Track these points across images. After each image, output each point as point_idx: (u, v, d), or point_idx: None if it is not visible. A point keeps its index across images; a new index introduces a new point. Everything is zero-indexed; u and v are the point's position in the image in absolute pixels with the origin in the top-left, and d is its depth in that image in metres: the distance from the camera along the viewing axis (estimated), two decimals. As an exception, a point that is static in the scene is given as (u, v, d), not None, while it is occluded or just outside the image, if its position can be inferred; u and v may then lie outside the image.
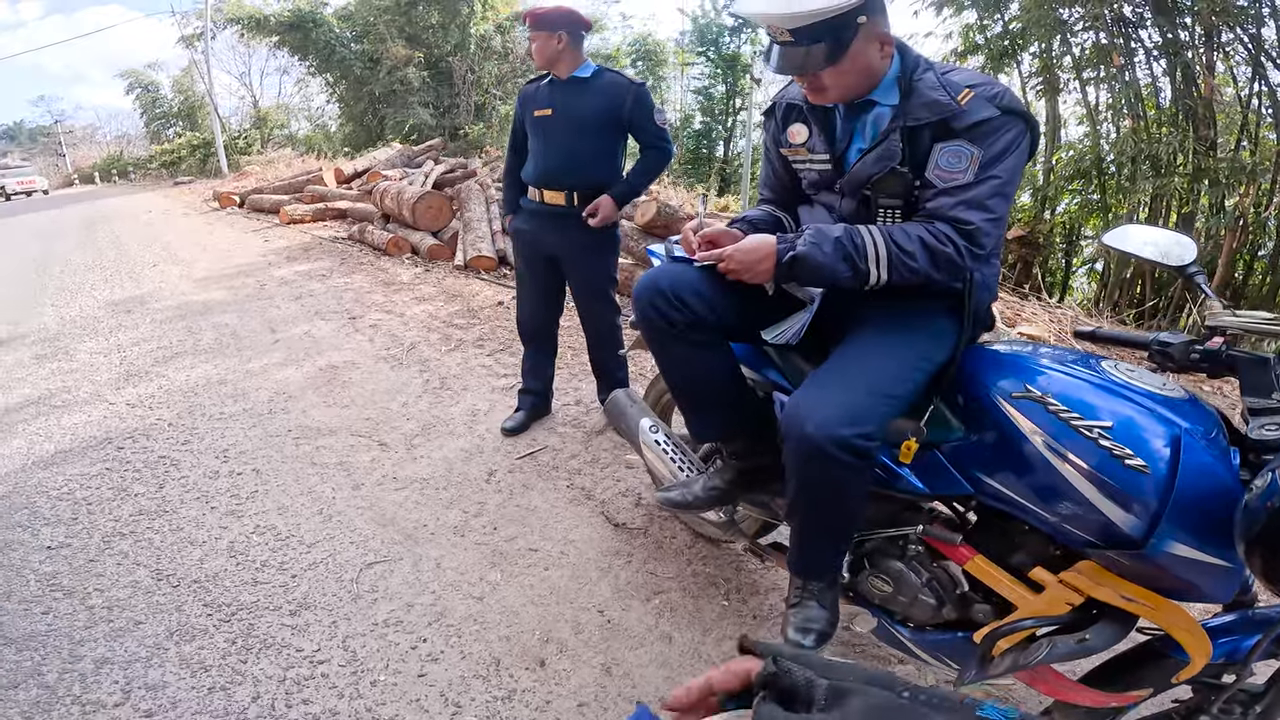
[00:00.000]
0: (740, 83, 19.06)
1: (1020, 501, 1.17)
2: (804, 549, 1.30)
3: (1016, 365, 1.21)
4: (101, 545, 2.19)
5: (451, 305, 4.78)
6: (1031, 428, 1.12)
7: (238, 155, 18.64)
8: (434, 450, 2.74)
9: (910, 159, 1.21)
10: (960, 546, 1.30)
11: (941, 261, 1.18)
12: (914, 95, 1.19)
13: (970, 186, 1.16)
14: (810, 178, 1.38)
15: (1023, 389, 1.14)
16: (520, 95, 2.60)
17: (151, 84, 24.22)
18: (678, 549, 2.10)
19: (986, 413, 1.19)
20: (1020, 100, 1.21)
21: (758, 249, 1.24)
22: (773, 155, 1.47)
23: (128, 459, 2.75)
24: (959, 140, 1.15)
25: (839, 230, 1.21)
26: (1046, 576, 1.18)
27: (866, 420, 1.13)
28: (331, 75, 16.77)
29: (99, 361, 3.98)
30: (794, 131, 1.36)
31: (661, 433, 1.68)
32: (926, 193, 1.21)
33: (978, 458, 1.22)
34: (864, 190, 1.27)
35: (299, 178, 10.63)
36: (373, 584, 1.96)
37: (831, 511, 1.22)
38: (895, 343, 1.25)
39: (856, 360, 1.24)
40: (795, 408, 1.18)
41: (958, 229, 1.17)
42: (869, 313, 1.33)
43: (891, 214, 1.26)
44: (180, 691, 1.62)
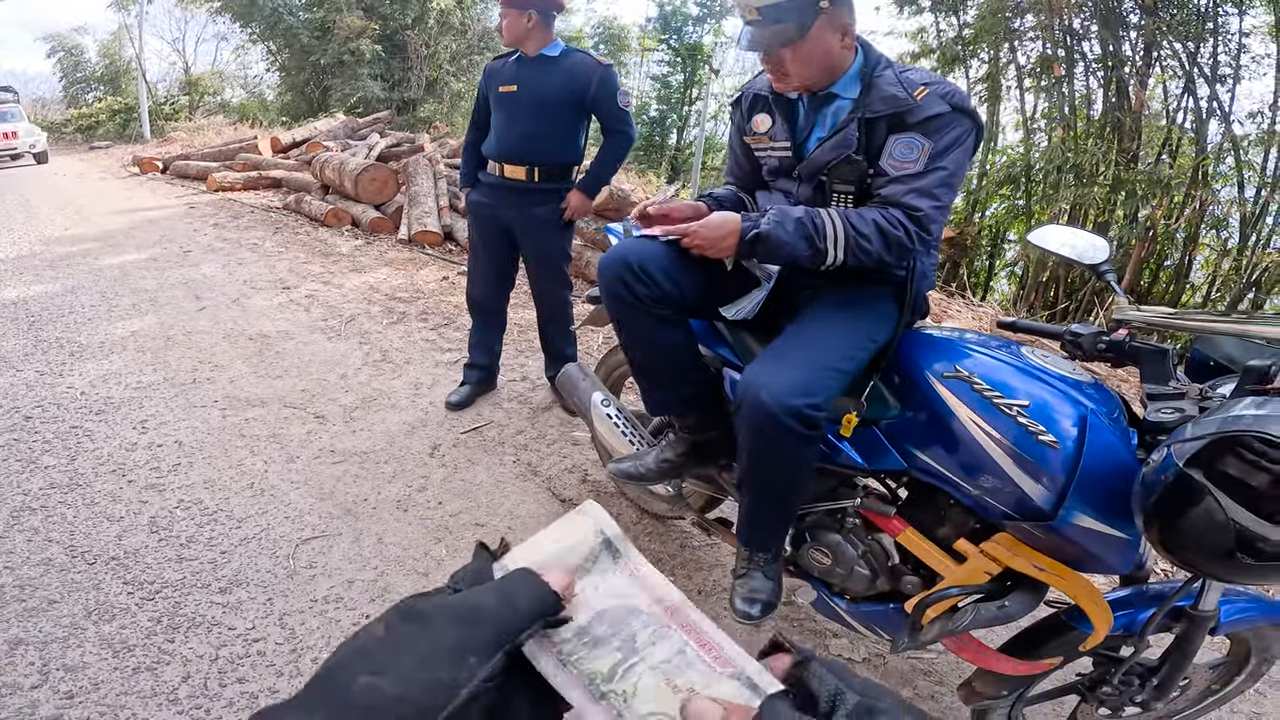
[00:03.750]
0: (699, 73, 19.14)
1: (947, 475, 1.24)
2: (752, 520, 1.34)
3: (948, 348, 1.29)
4: (10, 520, 2.05)
5: (394, 279, 4.65)
6: (958, 404, 1.19)
7: (163, 121, 17.51)
8: (374, 423, 2.68)
9: (865, 148, 1.28)
10: (893, 519, 1.37)
11: (893, 244, 1.25)
12: (873, 90, 1.27)
13: (920, 175, 1.24)
14: (770, 164, 1.44)
15: (952, 369, 1.22)
16: (486, 70, 2.57)
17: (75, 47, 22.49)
18: (624, 525, 2.10)
19: (920, 391, 1.27)
20: (970, 100, 1.29)
21: (723, 225, 1.28)
22: (736, 143, 1.53)
23: (36, 429, 2.57)
24: (911, 132, 1.24)
25: (800, 212, 1.27)
26: (968, 547, 1.26)
27: (816, 392, 1.19)
28: (275, 43, 15.93)
29: (4, 326, 3.68)
30: (758, 120, 1.43)
31: (613, 406, 1.70)
32: (880, 180, 1.28)
33: (911, 433, 1.29)
34: (820, 176, 1.34)
35: (231, 145, 10.07)
36: (310, 560, 1.91)
37: (780, 481, 1.27)
38: (843, 322, 1.32)
39: (808, 337, 1.30)
40: (751, 378, 1.23)
41: (908, 214, 1.25)
42: (819, 294, 1.40)
43: (845, 199, 1.33)
44: (102, 672, 1.54)
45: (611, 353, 2.05)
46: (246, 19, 15.80)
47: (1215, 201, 6.28)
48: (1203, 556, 0.91)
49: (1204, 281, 6.79)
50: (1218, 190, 6.46)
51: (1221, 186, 6.54)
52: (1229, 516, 0.87)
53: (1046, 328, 1.34)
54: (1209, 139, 6.42)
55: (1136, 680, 1.28)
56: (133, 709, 1.46)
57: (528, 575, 0.35)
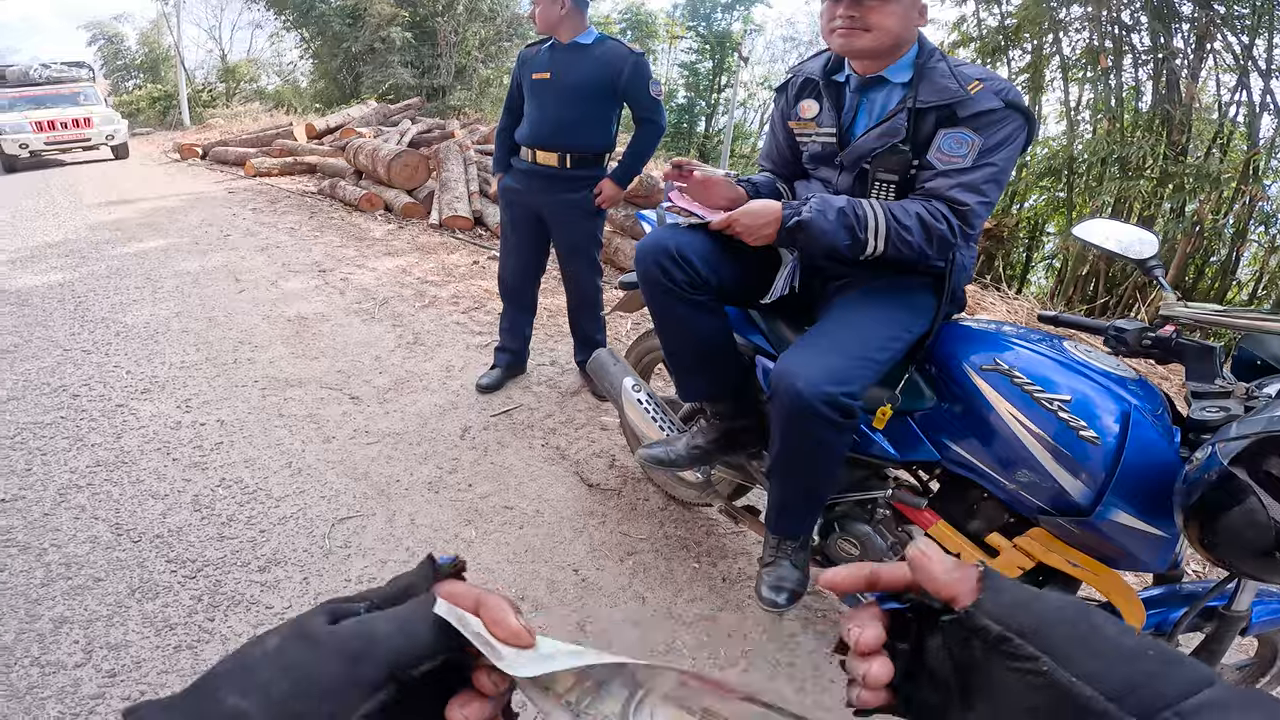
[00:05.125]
0: (728, 61, 18.93)
1: (982, 468, 1.24)
2: (781, 508, 1.35)
3: (987, 340, 1.28)
4: (57, 498, 2.12)
5: (426, 262, 4.71)
6: (997, 398, 1.18)
7: (201, 108, 17.88)
8: (407, 405, 2.73)
9: (912, 138, 1.27)
10: (924, 511, 1.37)
11: (935, 237, 1.25)
12: (925, 80, 1.26)
13: (968, 170, 1.23)
14: (813, 150, 1.44)
15: (991, 362, 1.21)
16: (519, 57, 2.59)
17: (116, 35, 23.04)
18: (650, 511, 2.14)
19: (957, 383, 1.26)
20: (1023, 97, 1.27)
21: (764, 212, 1.28)
22: (779, 129, 1.52)
23: (83, 407, 2.67)
24: (962, 127, 1.22)
25: (842, 201, 1.26)
26: (1001, 542, 1.25)
27: (851, 380, 1.19)
28: (308, 31, 16.13)
29: (53, 307, 3.83)
30: (805, 106, 1.42)
31: (644, 391, 1.72)
32: (925, 173, 1.27)
33: (946, 425, 1.28)
34: (863, 164, 1.33)
35: (267, 131, 10.25)
36: (345, 539, 1.96)
37: (811, 470, 1.27)
38: (880, 312, 1.31)
39: (844, 325, 1.30)
40: (786, 366, 1.23)
41: (953, 208, 1.24)
42: (856, 283, 1.40)
43: (887, 189, 1.32)
44: (144, 651, 1.57)
45: (642, 338, 2.06)
46: (280, 6, 16.01)
47: (1265, 197, 6.07)
48: (1242, 556, 0.91)
49: (1250, 278, 6.58)
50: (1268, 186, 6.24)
51: (1271, 182, 6.32)
52: (1270, 516, 0.86)
53: (1089, 322, 1.32)
54: (1261, 134, 6.21)
55: None
56: (172, 687, 1.48)
57: (429, 609, 0.31)
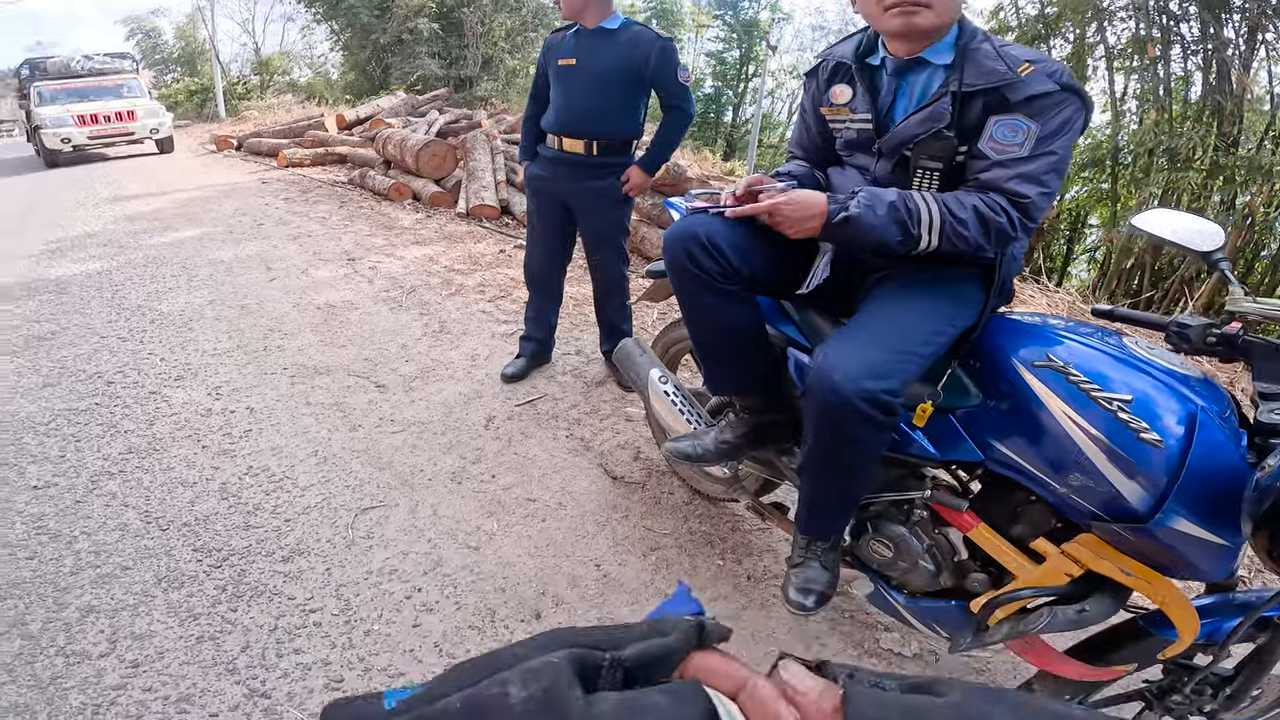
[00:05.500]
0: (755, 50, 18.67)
1: (1030, 470, 1.17)
2: (812, 507, 1.29)
3: (1038, 334, 1.20)
4: (89, 485, 2.15)
5: (453, 251, 4.71)
6: (1050, 396, 1.11)
7: (237, 100, 18.20)
8: (432, 393, 2.72)
9: (957, 124, 1.19)
10: (965, 514, 1.30)
11: (993, 232, 1.17)
12: (969, 62, 1.17)
13: (1026, 160, 1.15)
14: (848, 137, 1.36)
15: (1044, 357, 1.13)
16: (545, 43, 2.55)
17: (153, 30, 23.57)
18: (675, 505, 2.10)
19: (1005, 379, 1.18)
20: (1077, 79, 1.19)
21: (810, 205, 1.21)
22: (810, 115, 1.45)
23: (117, 394, 2.72)
24: (1015, 113, 1.14)
25: (893, 194, 1.19)
26: (1048, 548, 1.18)
27: (893, 376, 1.13)
28: (337, 23, 16.31)
29: (90, 295, 3.91)
30: (837, 91, 1.34)
31: (671, 383, 1.67)
32: (978, 163, 1.19)
33: (991, 424, 1.21)
34: (904, 151, 1.25)
35: (299, 123, 10.39)
36: (368, 530, 1.95)
37: (847, 468, 1.22)
38: (923, 304, 1.24)
39: (885, 318, 1.23)
40: (823, 360, 1.17)
41: (1012, 201, 1.16)
42: (898, 274, 1.32)
43: (930, 176, 1.24)
44: (168, 641, 1.57)
45: (669, 328, 2.01)
46: (310, 0, 16.20)
47: (1318, 191, 5.79)
48: None
49: (1301, 274, 6.29)
50: (1322, 180, 5.94)
51: (1326, 176, 6.02)
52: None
53: (1148, 317, 1.23)
54: (1317, 126, 5.92)
55: (1209, 690, 1.20)
56: (193, 679, 1.49)
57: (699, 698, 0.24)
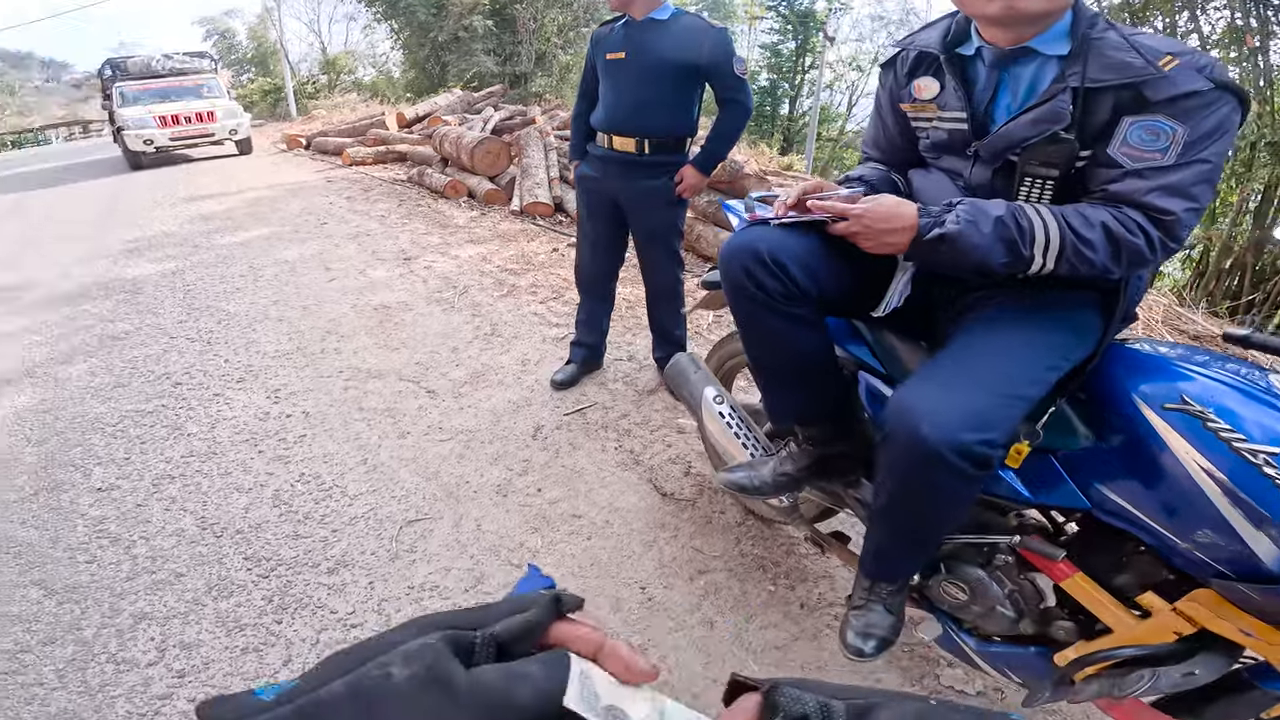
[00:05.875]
0: (811, 41, 18.05)
1: (1146, 522, 1.00)
2: (883, 552, 1.14)
3: (1166, 368, 1.00)
4: (151, 488, 2.19)
5: (506, 250, 4.68)
6: (1183, 445, 0.92)
7: (306, 100, 18.91)
8: (482, 400, 2.67)
9: (1080, 125, 0.99)
10: (1060, 563, 1.13)
11: (1126, 254, 0.98)
12: (1092, 52, 0.97)
13: (1171, 169, 0.94)
14: (936, 138, 1.17)
15: (1178, 399, 0.94)
16: (592, 37, 2.40)
17: (228, 31, 24.76)
18: (726, 525, 1.96)
19: (1123, 420, 1.00)
20: (1230, 74, 0.98)
21: (895, 215, 1.04)
22: (886, 112, 1.26)
23: (183, 396, 2.78)
24: (1157, 114, 0.94)
25: (1000, 208, 1.01)
26: (1158, 603, 1.02)
27: (994, 425, 0.95)
28: (396, 22, 16.68)
29: (163, 295, 4.06)
30: (921, 85, 1.16)
31: (727, 404, 1.53)
32: (1107, 173, 1.00)
33: (1101, 468, 1.03)
34: (1010, 155, 1.06)
35: (362, 121, 10.66)
36: (412, 543, 1.90)
37: (927, 519, 1.05)
38: (1032, 336, 1.05)
39: (984, 352, 1.04)
40: (908, 403, 1.00)
41: (1152, 218, 0.96)
42: (999, 297, 1.13)
43: (1041, 186, 1.04)
44: (214, 651, 1.58)
45: (725, 340, 1.86)
46: (370, -1, 16.59)
47: None
48: None
49: None
50: None
51: None
52: None
53: None
54: None
55: None
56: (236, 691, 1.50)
57: (566, 666, 0.29)
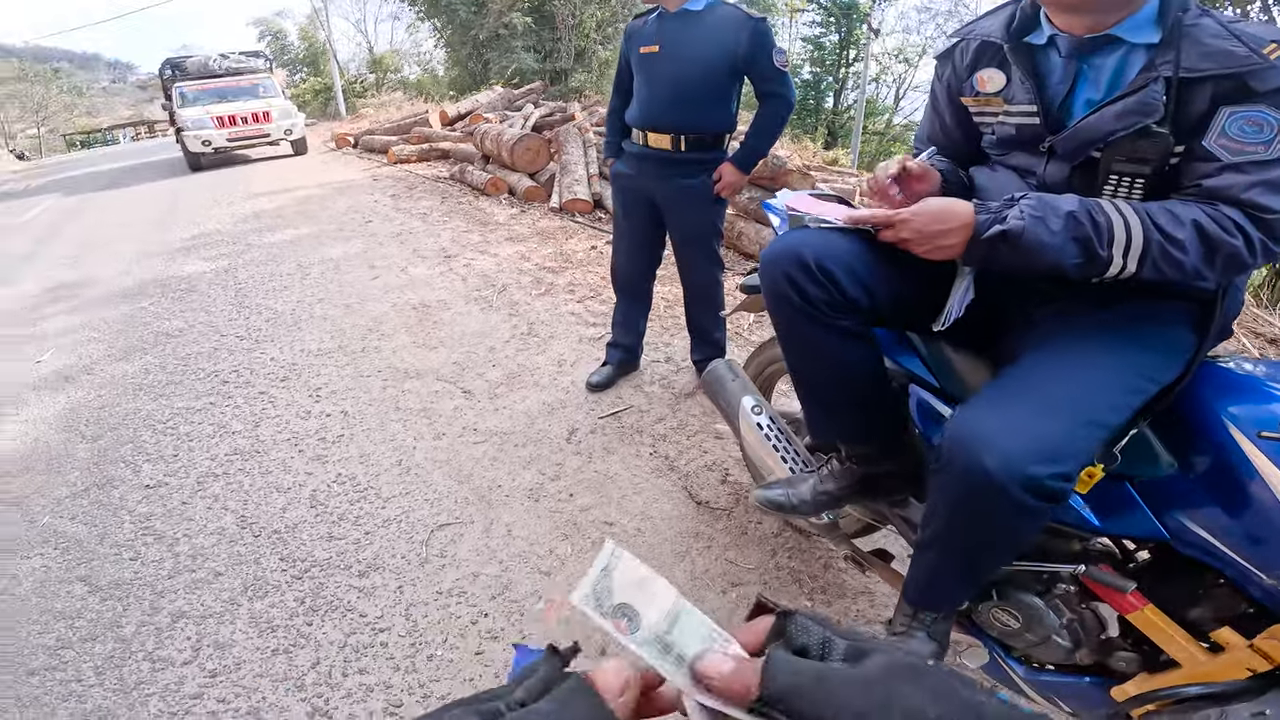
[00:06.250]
0: (855, 33, 17.59)
1: (1232, 557, 0.90)
2: (930, 583, 1.06)
3: (1263, 393, 0.90)
4: (196, 486, 2.24)
5: (544, 248, 4.67)
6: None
7: (354, 98, 19.37)
8: (516, 401, 2.65)
9: (1174, 118, 0.89)
10: (1130, 595, 1.03)
11: (1221, 257, 0.88)
12: (1187, 40, 0.88)
13: (1275, 164, 0.85)
14: (1003, 134, 1.08)
15: (1277, 427, 0.84)
16: (626, 30, 2.33)
17: (280, 31, 25.56)
18: (762, 537, 1.89)
19: (1214, 448, 0.90)
20: None
21: (947, 214, 0.96)
22: (943, 105, 1.17)
23: (230, 394, 2.85)
24: (1262, 105, 0.84)
25: (1072, 202, 0.91)
26: (1234, 639, 0.93)
27: (1067, 456, 0.86)
28: (438, 20, 16.91)
29: (215, 293, 4.19)
30: (984, 77, 1.07)
31: (766, 415, 1.46)
32: (1202, 167, 0.90)
33: (1184, 498, 0.93)
34: (1092, 152, 0.96)
35: (407, 120, 10.85)
36: (442, 548, 1.89)
37: (983, 553, 0.97)
38: (1114, 354, 0.95)
39: (1059, 373, 0.94)
40: (970, 429, 0.91)
41: (1253, 216, 0.87)
42: (1076, 307, 1.03)
43: (1129, 185, 0.94)
44: (246, 652, 1.60)
45: (765, 345, 1.79)
46: (412, -2, 16.85)
47: None
48: None
49: None
50: None
51: None
52: None
53: None
54: None
55: None
56: (264, 692, 1.49)
57: (585, 697, 0.32)
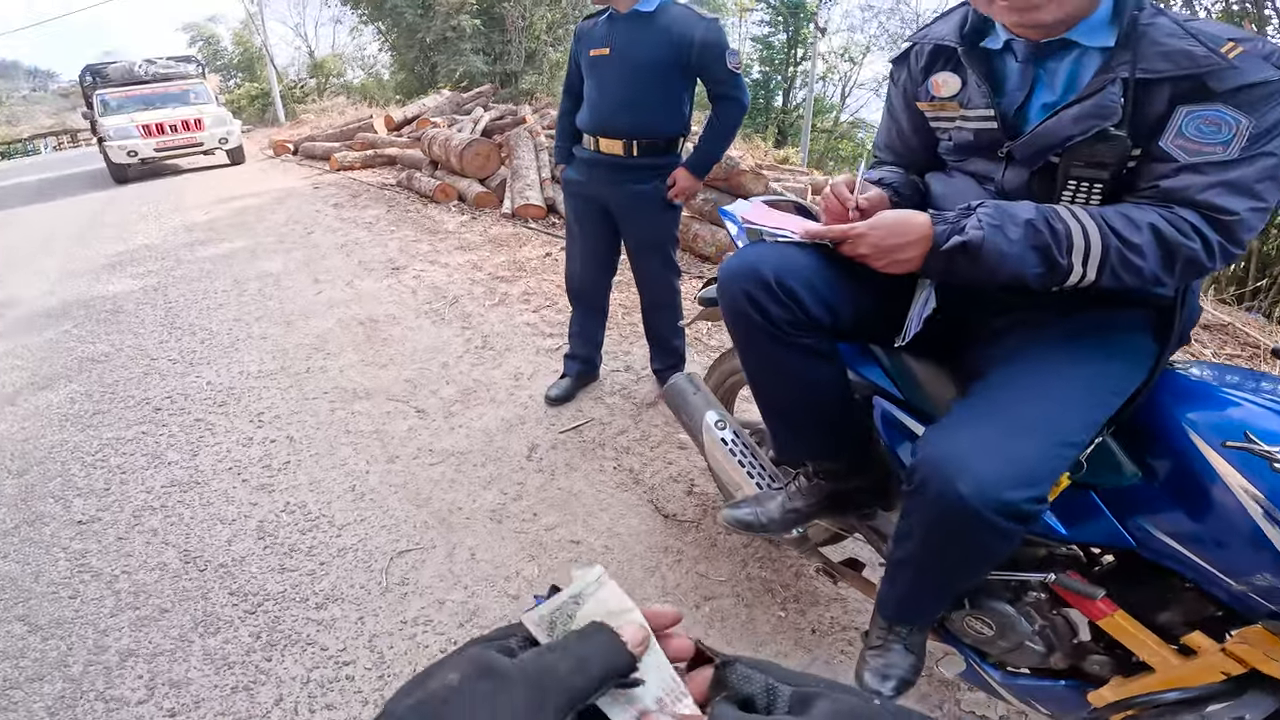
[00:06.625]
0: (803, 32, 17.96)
1: (1198, 564, 0.91)
2: (905, 598, 1.05)
3: (1223, 400, 0.91)
4: (132, 520, 2.11)
5: (497, 256, 4.58)
6: (1247, 488, 0.83)
7: (294, 104, 18.72)
8: (473, 419, 2.57)
9: (1131, 120, 0.89)
10: (1099, 602, 1.05)
11: (1180, 261, 0.87)
12: (1143, 41, 0.88)
13: (1234, 164, 0.84)
14: (960, 139, 1.06)
15: (1240, 436, 0.85)
16: (576, 32, 2.28)
17: (212, 36, 24.54)
18: (732, 548, 1.88)
19: (1177, 457, 0.91)
20: None
21: (904, 227, 0.94)
22: (900, 111, 1.17)
23: (164, 421, 2.68)
24: (1218, 104, 0.84)
25: (1029, 210, 0.90)
26: (1205, 643, 0.94)
27: (1041, 479, 0.85)
28: (383, 23, 16.51)
29: (144, 314, 3.96)
30: (939, 82, 1.06)
31: (730, 429, 1.43)
32: (1158, 168, 0.89)
33: (1149, 507, 0.94)
34: (1051, 156, 0.95)
35: (350, 125, 10.54)
36: (403, 575, 1.82)
37: (956, 573, 0.96)
38: (1080, 369, 0.94)
39: (1027, 393, 0.93)
40: (941, 455, 0.89)
41: (1210, 218, 0.86)
42: (1037, 318, 1.03)
43: (1088, 190, 0.93)
44: (204, 690, 1.53)
45: (727, 355, 1.77)
46: (354, 1, 16.40)
47: None
48: None
49: None
50: None
51: None
52: None
53: None
54: None
55: None
56: None
57: (604, 633, 0.33)
